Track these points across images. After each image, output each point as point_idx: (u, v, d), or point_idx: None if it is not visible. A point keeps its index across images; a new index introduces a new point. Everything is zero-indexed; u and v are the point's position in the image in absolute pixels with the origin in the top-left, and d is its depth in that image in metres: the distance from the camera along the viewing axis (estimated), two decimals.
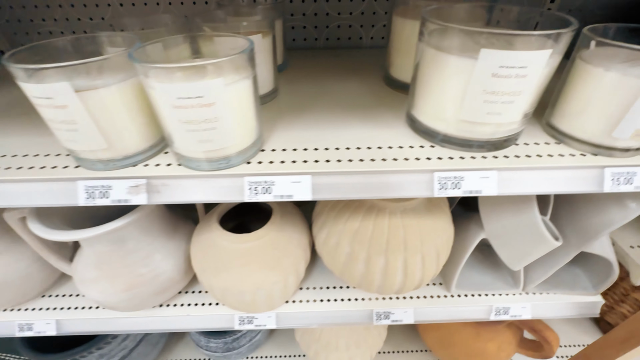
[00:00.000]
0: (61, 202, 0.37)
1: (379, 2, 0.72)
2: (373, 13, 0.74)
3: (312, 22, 0.74)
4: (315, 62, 0.70)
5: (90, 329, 0.60)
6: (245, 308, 0.54)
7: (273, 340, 0.91)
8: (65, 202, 0.37)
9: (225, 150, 0.36)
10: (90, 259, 0.51)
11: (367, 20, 0.75)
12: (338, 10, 0.73)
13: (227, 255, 0.49)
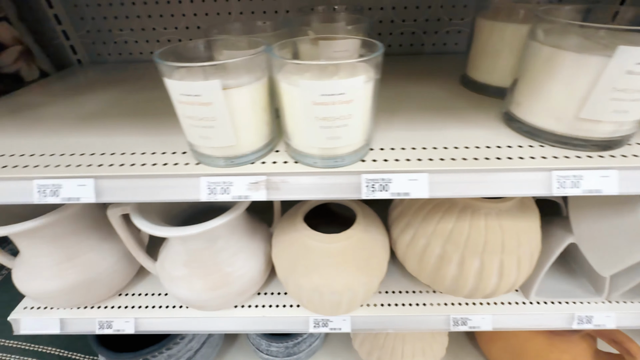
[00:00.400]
0: (184, 198, 0.38)
1: (444, 9, 0.73)
2: (437, 20, 0.75)
3: (376, 29, 0.76)
4: (385, 67, 0.71)
5: (167, 328, 0.61)
6: (327, 310, 0.54)
7: (328, 347, 0.90)
8: (187, 198, 0.38)
9: (348, 147, 0.36)
10: (180, 256, 0.52)
11: (431, 27, 0.76)
12: (403, 17, 0.74)
13: (318, 255, 0.50)
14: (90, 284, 0.56)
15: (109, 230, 0.59)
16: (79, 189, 0.39)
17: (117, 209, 0.49)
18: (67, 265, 0.54)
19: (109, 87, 0.66)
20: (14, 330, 0.62)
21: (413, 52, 0.79)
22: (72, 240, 0.54)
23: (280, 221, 0.59)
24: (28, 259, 0.54)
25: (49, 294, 0.54)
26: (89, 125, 0.50)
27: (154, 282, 0.67)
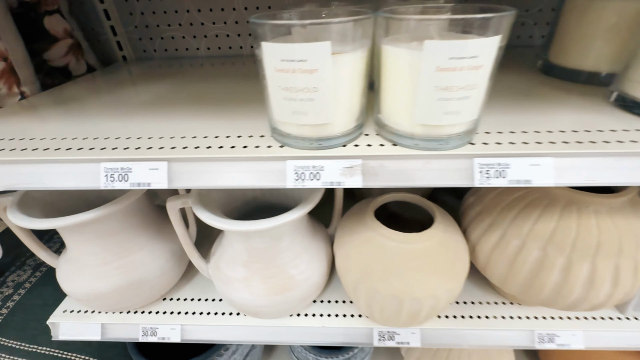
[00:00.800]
0: (267, 184, 0.34)
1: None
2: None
3: None
4: None
5: (215, 337, 0.56)
6: (402, 320, 0.48)
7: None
8: (272, 184, 0.34)
9: (459, 127, 0.32)
10: (239, 256, 0.48)
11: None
12: None
13: (396, 257, 0.44)
14: (138, 286, 0.51)
15: (158, 229, 0.55)
16: (150, 173, 0.35)
17: (177, 202, 0.45)
18: (115, 265, 0.50)
19: (161, 80, 0.63)
20: (53, 335, 0.58)
21: None
22: (122, 238, 0.50)
23: (342, 221, 0.54)
24: (75, 256, 0.50)
25: (94, 295, 0.50)
26: (152, 111, 0.47)
27: (201, 286, 0.62)
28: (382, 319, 0.50)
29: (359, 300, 0.49)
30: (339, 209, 0.55)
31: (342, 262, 0.49)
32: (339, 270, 0.51)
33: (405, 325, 0.51)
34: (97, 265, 0.49)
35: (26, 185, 0.35)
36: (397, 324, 0.50)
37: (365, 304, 0.49)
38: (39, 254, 0.53)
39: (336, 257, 0.51)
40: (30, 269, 0.85)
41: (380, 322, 0.52)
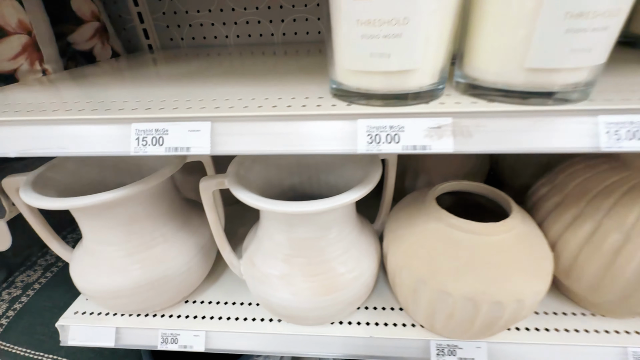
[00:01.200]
0: (333, 149, 0.28)
1: None
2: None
3: None
4: None
5: (245, 346, 0.48)
6: (474, 329, 0.40)
7: None
8: (339, 149, 0.28)
9: (584, 72, 0.25)
10: (280, 250, 0.41)
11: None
12: None
13: (471, 250, 0.37)
14: (160, 283, 0.45)
15: (184, 220, 0.49)
16: (189, 136, 0.29)
17: (212, 182, 0.38)
18: (136, 258, 0.43)
19: (191, 61, 0.59)
20: (61, 340, 0.51)
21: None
22: (146, 227, 0.44)
23: (391, 215, 0.47)
24: (92, 247, 0.44)
25: (110, 292, 0.43)
26: (188, 81, 0.42)
27: (228, 288, 0.55)
28: (446, 328, 0.42)
29: (418, 305, 0.42)
30: (388, 200, 0.48)
31: (397, 259, 0.42)
32: (392, 269, 0.43)
33: (473, 337, 0.43)
34: (116, 258, 0.43)
35: (43, 150, 0.30)
36: (464, 334, 0.42)
37: (427, 310, 0.41)
38: (52, 245, 0.48)
39: (388, 255, 0.43)
40: (40, 269, 0.80)
41: (443, 333, 0.44)
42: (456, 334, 0.43)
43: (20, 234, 0.85)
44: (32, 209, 0.44)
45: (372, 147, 0.27)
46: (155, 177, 0.40)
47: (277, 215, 0.38)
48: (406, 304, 0.45)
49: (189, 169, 0.68)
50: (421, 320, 0.45)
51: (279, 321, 0.49)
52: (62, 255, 0.48)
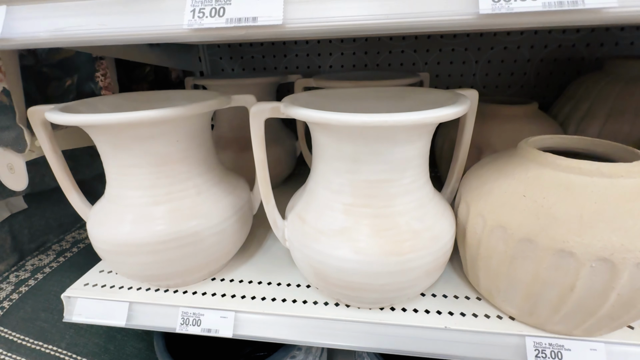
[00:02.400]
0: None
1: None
2: None
3: None
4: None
5: (281, 334, 0.39)
6: (598, 315, 0.29)
7: None
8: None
9: None
10: (339, 197, 0.33)
11: None
12: None
13: (599, 196, 0.28)
14: (188, 242, 0.37)
15: (221, 177, 0.43)
16: (258, 4, 0.23)
17: (266, 107, 0.32)
18: (164, 208, 0.36)
19: None
20: (65, 313, 0.43)
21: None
22: (178, 172, 0.37)
23: (465, 179, 0.39)
24: (115, 192, 0.37)
25: (132, 245, 0.35)
26: None
27: (263, 267, 0.47)
28: (554, 315, 0.31)
29: (513, 281, 0.32)
30: (463, 157, 0.40)
31: (486, 219, 0.33)
32: (475, 236, 0.34)
33: (590, 333, 0.32)
34: (141, 205, 0.36)
35: (79, 30, 0.25)
36: (578, 327, 0.31)
37: (529, 287, 0.31)
38: (71, 196, 0.42)
39: (469, 219, 0.35)
40: (54, 253, 0.74)
41: (546, 326, 0.33)
42: (567, 325, 0.32)
43: (39, 220, 0.80)
44: (55, 149, 0.39)
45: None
46: (198, 105, 0.34)
47: (343, 145, 0.31)
48: (492, 285, 0.35)
49: (224, 144, 0.62)
50: (514, 307, 0.35)
51: (325, 304, 0.40)
52: (80, 210, 0.42)
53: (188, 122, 0.36)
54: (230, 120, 0.63)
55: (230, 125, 0.64)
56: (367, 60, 0.73)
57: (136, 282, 0.45)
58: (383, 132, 0.28)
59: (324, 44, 0.72)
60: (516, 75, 0.70)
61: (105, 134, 0.33)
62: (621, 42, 0.65)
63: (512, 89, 0.71)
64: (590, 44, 0.66)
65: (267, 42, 0.74)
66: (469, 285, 0.42)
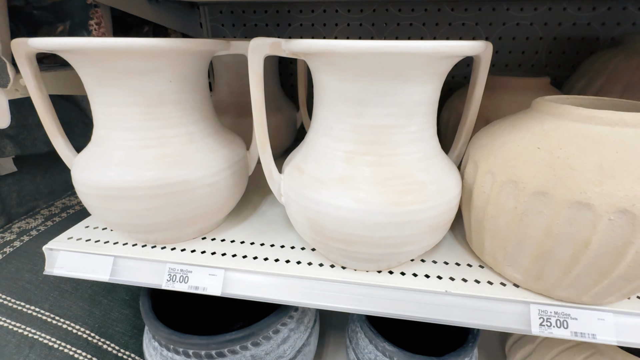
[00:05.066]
0: None
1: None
2: None
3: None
4: None
5: (270, 294, 0.37)
6: (614, 274, 0.27)
7: None
8: None
9: None
10: (340, 145, 0.31)
11: None
12: None
13: (621, 146, 0.26)
14: (178, 190, 0.35)
15: (216, 129, 0.41)
16: None
17: (267, 42, 0.30)
18: (154, 152, 0.34)
19: None
20: (46, 266, 0.41)
21: None
22: (170, 115, 0.35)
23: (474, 140, 0.37)
24: (103, 133, 0.35)
25: (119, 189, 0.33)
26: None
27: (256, 229, 0.45)
28: (564, 279, 0.29)
29: (523, 240, 0.30)
30: (473, 114, 0.38)
31: (497, 174, 0.31)
32: (483, 195, 0.32)
33: (599, 300, 0.30)
34: (131, 148, 0.34)
35: None
36: (587, 293, 0.29)
37: (539, 246, 0.29)
38: (56, 140, 0.39)
39: (477, 175, 0.33)
40: (42, 217, 0.71)
41: (553, 292, 0.31)
42: (576, 290, 0.30)
43: (29, 184, 0.78)
44: (41, 88, 0.36)
45: None
46: (192, 41, 0.32)
47: (347, 85, 0.28)
48: (498, 249, 0.33)
49: (223, 109, 0.60)
50: (520, 272, 0.33)
51: (320, 265, 0.38)
52: (64, 156, 0.40)
53: (182, 61, 0.33)
54: (229, 83, 0.61)
55: (229, 89, 0.61)
56: (374, 32, 0.70)
57: (123, 237, 0.43)
58: (392, 64, 0.26)
59: (330, 13, 0.70)
60: (527, 54, 0.68)
61: (92, 64, 0.31)
62: (639, 21, 0.62)
63: (523, 67, 0.69)
64: (606, 22, 0.64)
65: (272, 10, 0.71)
66: (471, 254, 0.40)
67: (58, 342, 0.51)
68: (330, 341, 0.68)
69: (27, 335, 0.51)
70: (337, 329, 0.71)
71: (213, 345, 0.40)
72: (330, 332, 0.71)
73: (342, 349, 0.66)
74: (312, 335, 0.51)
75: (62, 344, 0.51)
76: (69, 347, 0.51)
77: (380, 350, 0.48)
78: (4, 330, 0.51)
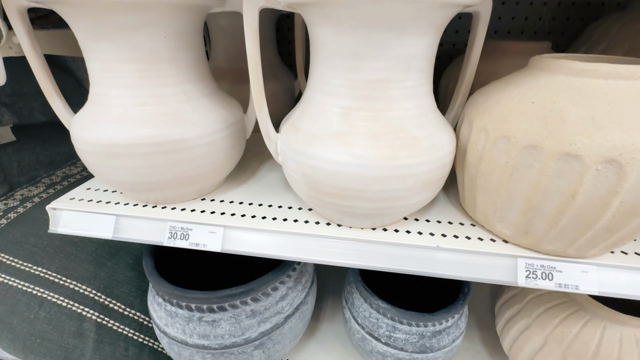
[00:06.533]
0: None
1: None
2: None
3: None
4: None
5: (270, 249, 0.38)
6: (601, 229, 0.28)
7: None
8: None
9: None
10: (336, 100, 0.31)
11: None
12: None
13: (613, 97, 0.26)
14: (175, 149, 0.35)
15: (213, 89, 0.41)
16: None
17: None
18: (150, 110, 0.34)
19: None
20: (50, 225, 0.42)
21: None
22: (166, 72, 0.35)
23: (471, 100, 0.37)
24: (99, 91, 0.35)
25: (116, 145, 0.34)
26: None
27: (255, 191, 0.46)
28: (551, 231, 0.30)
29: (513, 195, 0.31)
30: (471, 72, 0.38)
31: (490, 130, 0.31)
32: (476, 152, 0.33)
33: (584, 252, 0.31)
34: (126, 106, 0.34)
35: None
36: (572, 244, 0.31)
37: (528, 200, 0.30)
38: (53, 100, 0.39)
39: (471, 133, 0.33)
40: (43, 186, 0.72)
41: (540, 245, 0.33)
42: (562, 242, 0.31)
43: (28, 154, 0.79)
44: (34, 46, 0.36)
45: None
46: None
47: (343, 38, 0.28)
48: (489, 205, 0.34)
49: (220, 75, 0.59)
50: (509, 227, 0.34)
51: (317, 223, 0.39)
52: (62, 117, 0.40)
53: (175, 15, 0.33)
54: (226, 49, 0.60)
55: (226, 55, 0.60)
56: None
57: (124, 197, 0.44)
58: (388, 14, 0.26)
59: None
60: (530, 20, 0.66)
61: (84, 17, 0.31)
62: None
63: (525, 35, 0.68)
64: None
65: None
66: (464, 214, 0.41)
67: (66, 300, 0.54)
68: (328, 305, 0.71)
69: (35, 294, 0.53)
70: (334, 295, 0.74)
71: (214, 299, 0.42)
72: (328, 297, 0.73)
73: (339, 312, 0.69)
74: (309, 294, 0.53)
75: (70, 302, 0.54)
76: (77, 305, 0.54)
77: (374, 308, 0.51)
78: (14, 290, 0.53)
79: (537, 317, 0.50)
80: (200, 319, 0.43)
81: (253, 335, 0.45)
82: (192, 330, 0.44)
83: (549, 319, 0.48)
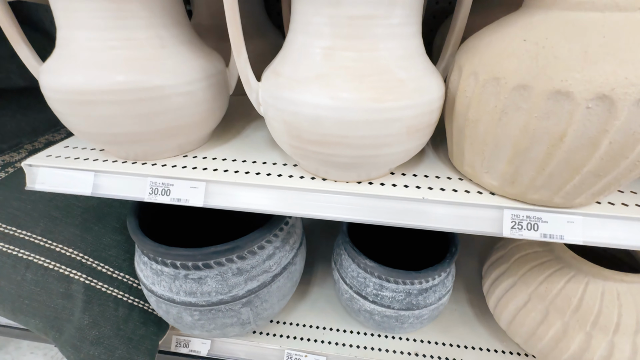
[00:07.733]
0: None
1: None
2: None
3: None
4: None
5: (254, 204, 0.37)
6: (590, 171, 0.28)
7: (454, 315, 0.62)
8: None
9: None
10: (317, 42, 0.29)
11: None
12: None
13: (608, 31, 0.25)
14: (150, 97, 0.34)
15: (191, 36, 0.39)
16: None
17: None
18: (122, 54, 0.32)
19: None
20: (28, 182, 0.41)
21: None
22: (139, 15, 0.33)
23: (462, 48, 0.35)
24: (67, 35, 0.33)
25: (87, 92, 0.32)
26: None
27: (239, 148, 0.45)
28: (537, 178, 0.30)
29: (500, 141, 0.30)
30: (462, 22, 0.36)
31: (479, 74, 0.30)
32: (465, 99, 0.31)
33: (576, 196, 0.31)
34: (96, 49, 0.32)
35: None
36: (560, 190, 0.30)
37: (515, 145, 0.29)
38: (21, 50, 0.37)
39: (461, 79, 0.31)
40: (25, 152, 0.70)
41: (526, 195, 0.32)
42: (548, 190, 0.31)
43: (9, 120, 0.76)
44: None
45: None
46: None
47: None
48: (477, 155, 0.33)
49: (202, 32, 0.57)
50: (496, 177, 0.33)
51: (301, 177, 0.38)
52: (30, 66, 0.38)
53: None
54: (208, 5, 0.57)
55: (209, 11, 0.57)
56: None
57: (102, 154, 0.42)
58: None
59: None
60: None
61: None
62: None
63: None
64: None
65: None
66: (452, 169, 0.40)
67: (53, 263, 0.53)
68: (319, 270, 0.72)
69: (21, 257, 0.53)
70: (326, 260, 0.74)
71: (199, 256, 0.42)
72: (320, 262, 0.74)
73: (329, 277, 0.70)
74: (297, 255, 0.53)
75: (57, 264, 0.53)
76: (64, 267, 0.53)
77: (362, 268, 0.51)
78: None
79: (522, 276, 0.50)
80: (186, 276, 0.43)
81: (240, 292, 0.45)
82: (179, 288, 0.44)
83: (534, 276, 0.49)
